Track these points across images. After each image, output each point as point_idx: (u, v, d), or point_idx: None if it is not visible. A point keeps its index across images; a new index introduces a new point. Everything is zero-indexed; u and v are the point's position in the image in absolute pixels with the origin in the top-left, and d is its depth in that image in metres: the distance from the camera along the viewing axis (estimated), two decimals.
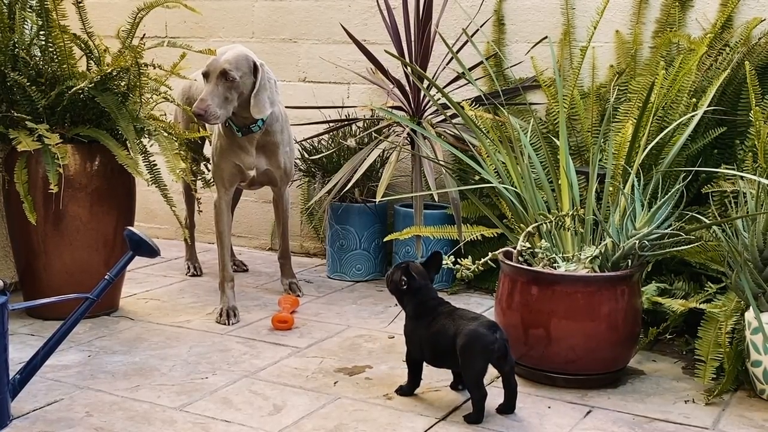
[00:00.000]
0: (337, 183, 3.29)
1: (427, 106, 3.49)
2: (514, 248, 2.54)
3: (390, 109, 3.40)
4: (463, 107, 3.01)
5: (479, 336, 2.14)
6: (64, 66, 2.90)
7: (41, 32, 2.91)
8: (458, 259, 2.54)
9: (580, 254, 2.47)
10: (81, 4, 3.00)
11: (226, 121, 2.97)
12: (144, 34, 3.06)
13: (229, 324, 2.96)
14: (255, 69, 2.90)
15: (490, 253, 2.54)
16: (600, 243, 2.48)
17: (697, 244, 2.57)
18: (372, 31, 3.74)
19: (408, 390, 2.37)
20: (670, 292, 2.72)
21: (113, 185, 2.99)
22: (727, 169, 2.70)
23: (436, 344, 2.25)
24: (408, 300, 2.35)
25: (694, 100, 2.84)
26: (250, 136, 3.01)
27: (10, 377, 2.17)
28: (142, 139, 2.96)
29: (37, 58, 2.93)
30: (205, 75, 2.87)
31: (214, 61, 2.86)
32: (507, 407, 2.23)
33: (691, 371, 2.51)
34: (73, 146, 2.89)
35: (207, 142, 3.45)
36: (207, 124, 3.10)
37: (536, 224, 2.56)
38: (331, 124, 3.60)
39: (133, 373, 2.49)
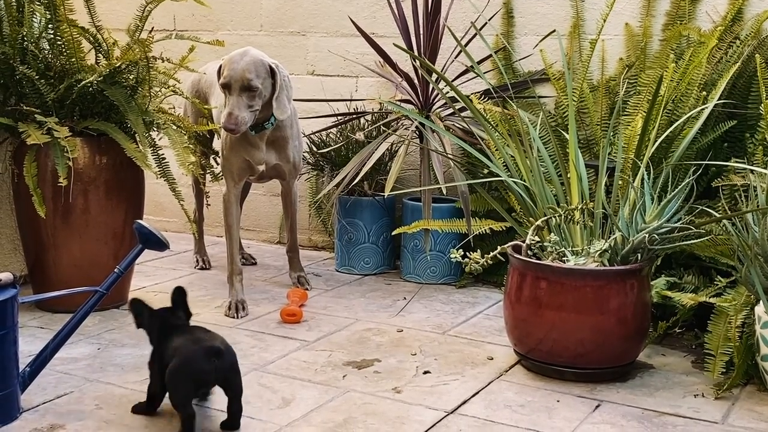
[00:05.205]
0: (346, 176, 3.29)
1: (436, 100, 3.48)
2: (523, 242, 2.53)
3: (398, 103, 3.40)
4: (471, 100, 3.00)
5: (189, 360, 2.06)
6: (73, 59, 2.90)
7: (50, 26, 2.91)
8: (467, 253, 2.53)
9: (589, 248, 2.47)
10: None
11: None
12: (152, 28, 3.06)
13: (237, 317, 2.96)
14: (272, 72, 2.90)
15: (499, 247, 2.54)
16: (609, 237, 2.47)
17: (707, 237, 2.55)
18: (380, 24, 3.73)
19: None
20: (680, 285, 2.71)
21: (122, 178, 2.99)
22: (737, 162, 2.69)
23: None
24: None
25: (704, 93, 2.83)
26: (261, 132, 3.01)
27: (20, 370, 2.17)
28: (151, 133, 2.96)
29: (46, 52, 2.93)
30: (226, 86, 2.86)
31: (233, 73, 2.83)
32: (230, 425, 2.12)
33: (701, 365, 2.50)
34: (82, 139, 2.89)
35: (216, 135, 3.45)
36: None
37: (545, 218, 2.55)
38: (339, 118, 3.59)
39: (142, 366, 2.49)
